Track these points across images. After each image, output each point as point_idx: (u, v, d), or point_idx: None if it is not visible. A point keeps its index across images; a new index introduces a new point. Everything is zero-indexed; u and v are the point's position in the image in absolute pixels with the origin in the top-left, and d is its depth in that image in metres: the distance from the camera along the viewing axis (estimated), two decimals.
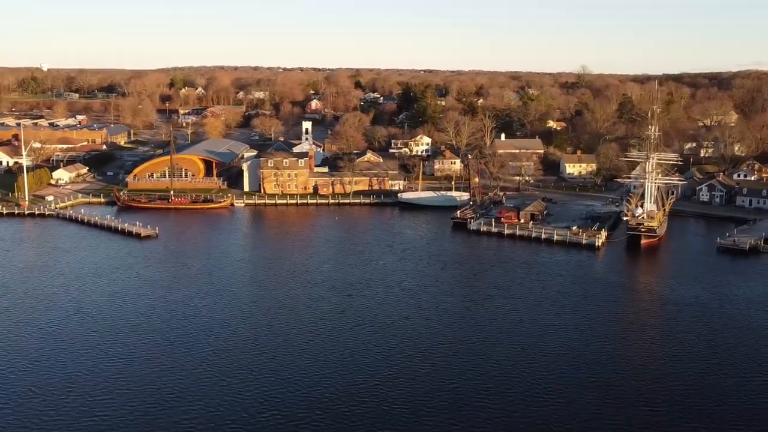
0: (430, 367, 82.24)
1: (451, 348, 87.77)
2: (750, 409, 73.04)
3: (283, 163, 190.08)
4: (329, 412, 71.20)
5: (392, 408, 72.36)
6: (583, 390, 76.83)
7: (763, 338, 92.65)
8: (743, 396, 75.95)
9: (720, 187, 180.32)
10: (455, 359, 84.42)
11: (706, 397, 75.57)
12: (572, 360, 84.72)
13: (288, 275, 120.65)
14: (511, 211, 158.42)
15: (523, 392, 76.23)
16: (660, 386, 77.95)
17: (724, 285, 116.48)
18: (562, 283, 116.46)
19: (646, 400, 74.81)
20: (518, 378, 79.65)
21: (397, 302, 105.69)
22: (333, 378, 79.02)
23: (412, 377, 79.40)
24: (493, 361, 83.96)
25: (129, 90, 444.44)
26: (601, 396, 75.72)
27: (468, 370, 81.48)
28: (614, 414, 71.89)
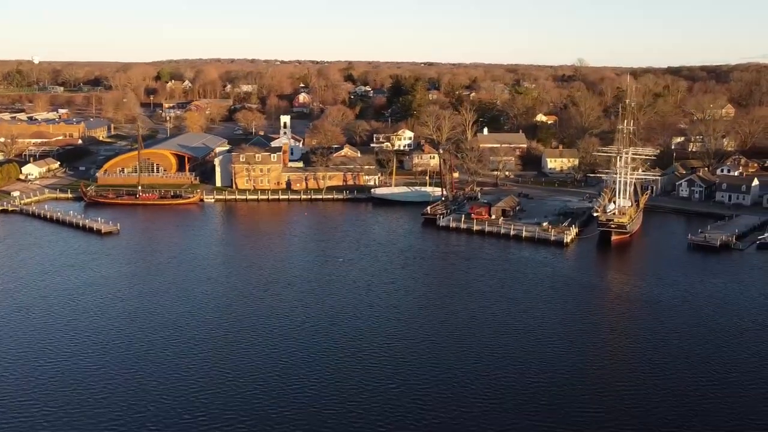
0: (365, 367, 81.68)
1: (391, 348, 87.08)
2: (696, 409, 72.81)
3: (255, 157, 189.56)
4: (259, 412, 71.06)
5: (319, 410, 72.13)
6: (528, 393, 76.45)
7: (718, 336, 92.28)
8: (687, 397, 75.65)
9: (699, 183, 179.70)
10: (394, 360, 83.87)
11: (647, 398, 75.26)
12: (518, 361, 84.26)
13: (245, 272, 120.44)
14: (482, 206, 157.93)
15: (462, 395, 75.93)
16: (605, 385, 77.69)
17: (689, 282, 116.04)
18: (523, 281, 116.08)
19: (592, 400, 74.54)
20: (457, 380, 79.30)
21: (347, 301, 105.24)
22: (264, 377, 78.82)
23: (345, 378, 78.94)
24: (434, 362, 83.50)
25: (113, 83, 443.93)
26: (550, 398, 75.37)
27: (406, 370, 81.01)
28: (558, 415, 71.71)
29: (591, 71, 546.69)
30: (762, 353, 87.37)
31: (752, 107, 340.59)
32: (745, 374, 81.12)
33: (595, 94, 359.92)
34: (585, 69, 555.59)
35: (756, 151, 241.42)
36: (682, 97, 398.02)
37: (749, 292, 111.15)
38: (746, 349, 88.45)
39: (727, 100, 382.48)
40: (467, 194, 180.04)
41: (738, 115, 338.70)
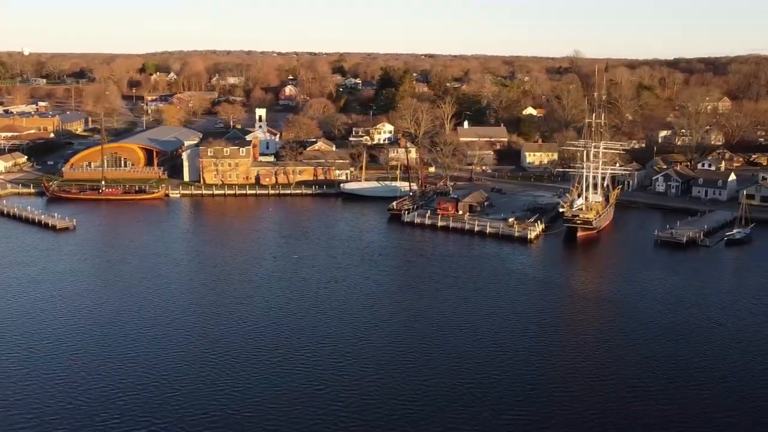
0: (291, 368, 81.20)
1: (322, 349, 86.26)
2: (632, 411, 72.65)
3: (223, 152, 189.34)
4: (174, 414, 71.00)
5: (234, 412, 72.03)
6: (461, 394, 76.18)
7: (667, 335, 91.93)
8: (622, 399, 75.49)
9: (676, 178, 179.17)
10: (328, 360, 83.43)
11: (581, 400, 75.07)
12: (454, 361, 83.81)
13: (195, 269, 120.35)
14: (449, 202, 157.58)
15: (392, 396, 75.66)
16: (538, 381, 77.54)
17: (648, 280, 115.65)
18: (477, 278, 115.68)
19: (530, 403, 74.41)
20: (388, 382, 78.96)
21: (291, 299, 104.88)
22: (185, 376, 78.74)
23: (269, 380, 78.67)
24: (367, 363, 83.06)
25: (96, 75, 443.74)
26: (485, 400, 75.10)
27: (338, 372, 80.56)
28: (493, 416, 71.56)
29: (588, 63, 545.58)
30: (708, 352, 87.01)
31: (748, 100, 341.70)
32: (693, 374, 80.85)
33: (588, 86, 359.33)
34: (581, 61, 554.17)
35: (745, 146, 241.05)
36: (678, 89, 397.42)
37: (706, 290, 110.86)
38: (693, 348, 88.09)
39: (723, 93, 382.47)
40: (439, 189, 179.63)
41: (734, 108, 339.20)
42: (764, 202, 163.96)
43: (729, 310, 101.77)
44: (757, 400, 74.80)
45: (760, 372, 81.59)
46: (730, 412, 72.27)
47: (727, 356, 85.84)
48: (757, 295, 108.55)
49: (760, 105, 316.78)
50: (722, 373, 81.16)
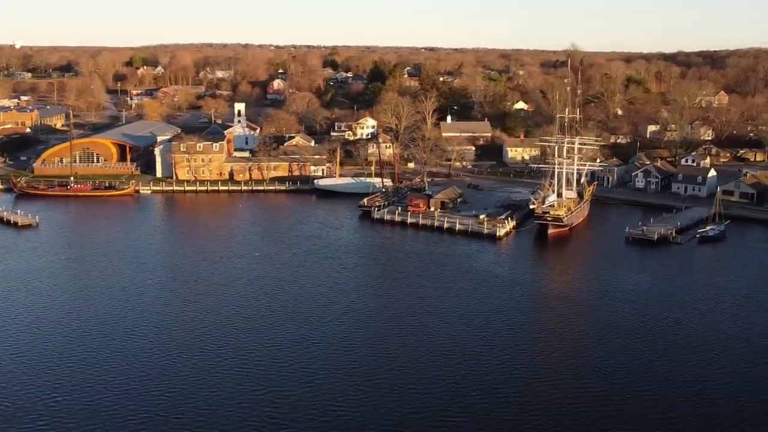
0: (235, 369, 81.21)
1: (266, 351, 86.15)
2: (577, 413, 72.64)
3: (196, 147, 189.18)
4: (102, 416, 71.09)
5: (168, 413, 72.09)
6: (410, 397, 76.16)
7: (624, 335, 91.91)
8: (562, 400, 75.47)
9: (655, 173, 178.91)
10: (268, 362, 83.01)
11: (515, 403, 75.12)
12: (399, 363, 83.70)
13: (153, 267, 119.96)
14: (420, 198, 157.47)
15: (332, 401, 75.73)
16: (482, 381, 77.54)
17: (614, 277, 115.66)
18: (438, 276, 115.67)
19: (469, 405, 74.43)
20: (331, 384, 79.03)
21: (244, 298, 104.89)
22: (118, 378, 78.81)
23: (216, 382, 78.81)
24: (311, 365, 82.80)
25: (81, 69, 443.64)
26: (433, 402, 75.23)
27: (278, 373, 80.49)
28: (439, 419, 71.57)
29: (584, 57, 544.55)
30: (661, 351, 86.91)
31: (738, 95, 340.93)
32: (643, 371, 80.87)
33: (582, 80, 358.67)
34: (578, 54, 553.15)
35: (734, 141, 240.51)
36: (674, 83, 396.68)
37: (671, 288, 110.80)
38: (647, 346, 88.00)
39: (721, 87, 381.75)
40: (414, 185, 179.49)
41: (730, 102, 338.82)
42: (743, 199, 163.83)
43: (690, 308, 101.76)
44: (711, 397, 74.83)
45: (710, 368, 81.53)
46: (686, 412, 72.26)
47: (683, 354, 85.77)
48: (720, 293, 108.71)
49: (757, 99, 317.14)
50: (675, 369, 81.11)
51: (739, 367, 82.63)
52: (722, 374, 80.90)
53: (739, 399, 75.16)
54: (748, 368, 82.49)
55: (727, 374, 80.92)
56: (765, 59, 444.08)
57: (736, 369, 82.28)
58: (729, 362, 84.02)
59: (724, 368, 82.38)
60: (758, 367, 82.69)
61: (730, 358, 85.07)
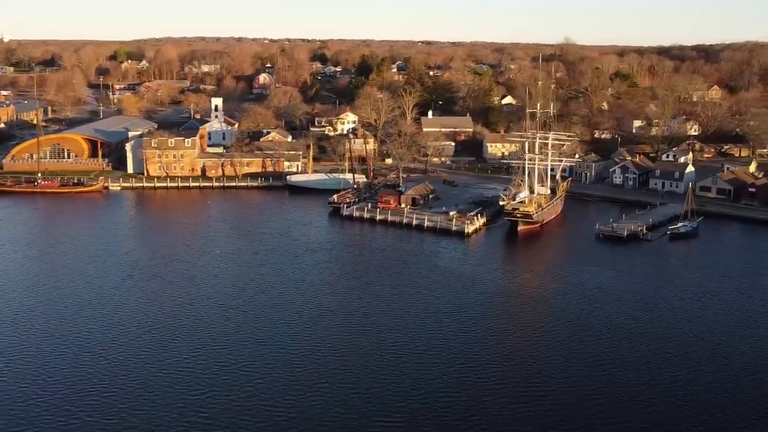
0: (174, 371, 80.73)
1: (212, 352, 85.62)
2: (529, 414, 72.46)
3: (167, 142, 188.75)
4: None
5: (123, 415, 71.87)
6: (359, 400, 75.88)
7: (580, 333, 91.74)
8: (502, 402, 75.31)
9: (633, 169, 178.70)
10: (210, 364, 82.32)
11: (471, 404, 74.93)
12: (353, 365, 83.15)
13: (109, 265, 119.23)
14: (391, 195, 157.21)
15: (289, 402, 75.51)
16: (445, 381, 77.34)
17: (578, 275, 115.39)
18: (399, 274, 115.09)
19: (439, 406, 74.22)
20: (280, 387, 78.65)
21: (196, 297, 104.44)
22: (59, 380, 78.57)
23: (155, 383, 78.53)
24: (251, 365, 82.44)
25: (62, 63, 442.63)
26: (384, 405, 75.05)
27: (217, 377, 79.86)
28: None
29: (579, 50, 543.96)
30: (614, 350, 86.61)
31: (740, 89, 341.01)
32: (594, 370, 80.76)
33: (574, 74, 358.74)
34: (571, 48, 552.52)
35: (721, 136, 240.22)
36: (666, 77, 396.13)
37: (637, 285, 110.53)
38: (601, 345, 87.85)
39: (714, 82, 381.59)
40: (388, 181, 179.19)
41: (721, 97, 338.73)
42: (720, 195, 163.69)
43: (651, 305, 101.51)
44: (659, 396, 74.67)
45: (662, 367, 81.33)
46: (630, 413, 72.13)
47: (635, 353, 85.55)
48: (684, 290, 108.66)
49: (746, 94, 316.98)
50: (625, 369, 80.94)
51: (692, 366, 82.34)
52: (673, 373, 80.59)
53: (690, 398, 74.95)
54: (702, 367, 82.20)
55: (678, 373, 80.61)
56: (760, 53, 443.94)
57: (690, 367, 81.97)
58: (682, 360, 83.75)
59: (677, 367, 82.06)
60: (712, 365, 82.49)
61: (683, 357, 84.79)
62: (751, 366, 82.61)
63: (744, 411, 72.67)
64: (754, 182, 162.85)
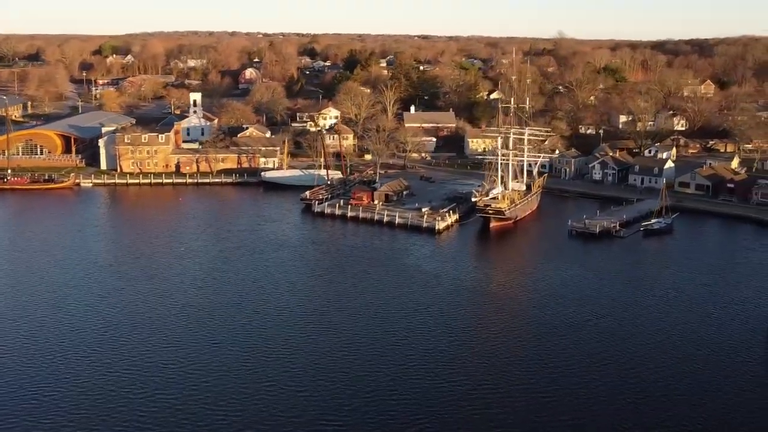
0: (124, 371, 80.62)
1: (161, 352, 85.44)
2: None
3: (140, 138, 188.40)
4: None
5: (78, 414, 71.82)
6: (310, 402, 75.90)
7: (533, 334, 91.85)
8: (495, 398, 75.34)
9: (612, 165, 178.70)
10: (161, 365, 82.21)
11: (425, 405, 74.95)
12: (311, 365, 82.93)
13: (70, 263, 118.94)
14: (364, 191, 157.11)
15: (242, 403, 75.48)
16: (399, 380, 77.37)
17: (544, 272, 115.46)
18: (364, 272, 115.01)
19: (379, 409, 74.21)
20: (234, 388, 78.57)
21: (156, 296, 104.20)
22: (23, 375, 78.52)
23: (103, 382, 78.49)
24: (204, 366, 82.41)
25: (45, 57, 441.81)
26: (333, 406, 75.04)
27: (164, 378, 79.74)
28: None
29: (573, 45, 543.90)
30: (574, 347, 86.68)
31: (733, 84, 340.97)
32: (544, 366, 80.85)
33: (565, 68, 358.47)
34: (565, 42, 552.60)
35: (709, 131, 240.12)
36: (659, 72, 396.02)
37: (600, 282, 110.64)
38: (560, 342, 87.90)
39: (708, 76, 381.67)
40: (364, 177, 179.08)
41: (713, 92, 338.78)
42: (699, 191, 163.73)
43: (616, 302, 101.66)
44: (616, 397, 74.79)
45: (620, 365, 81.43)
46: (586, 410, 72.25)
47: (597, 351, 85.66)
48: (652, 286, 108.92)
49: (736, 89, 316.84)
50: (583, 368, 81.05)
51: (646, 364, 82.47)
52: (624, 371, 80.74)
53: (643, 397, 75.11)
54: (656, 365, 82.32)
55: (630, 371, 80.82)
56: (754, 47, 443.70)
57: (643, 365, 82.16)
58: (637, 358, 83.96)
59: (630, 365, 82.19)
60: (666, 363, 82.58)
61: (637, 354, 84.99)
62: (706, 365, 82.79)
63: (695, 411, 72.81)
64: (733, 178, 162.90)
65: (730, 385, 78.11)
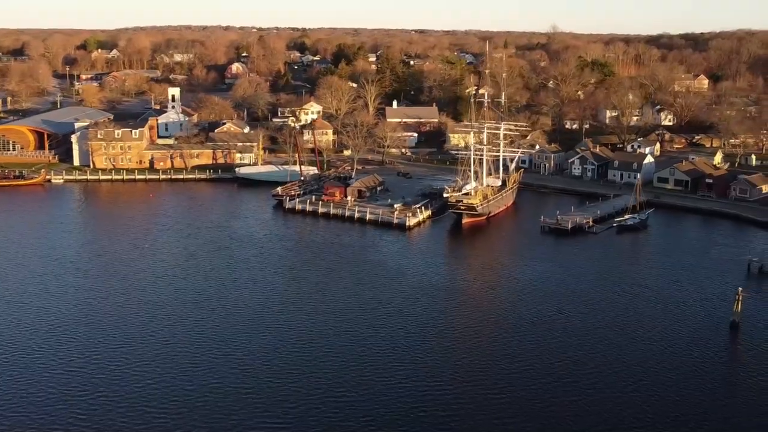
0: (65, 370, 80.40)
1: (111, 351, 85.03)
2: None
3: (114, 134, 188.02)
4: None
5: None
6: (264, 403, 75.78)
7: (492, 331, 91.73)
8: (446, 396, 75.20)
9: (592, 160, 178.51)
10: (106, 365, 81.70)
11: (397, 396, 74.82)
12: (262, 363, 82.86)
13: (23, 260, 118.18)
14: (336, 187, 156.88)
15: (194, 404, 75.34)
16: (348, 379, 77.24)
17: (511, 268, 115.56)
18: (327, 270, 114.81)
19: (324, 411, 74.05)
20: (188, 387, 78.48)
21: (113, 293, 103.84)
22: None
23: (46, 381, 78.35)
24: (151, 364, 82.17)
25: (28, 52, 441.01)
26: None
27: (110, 377, 79.61)
28: None
29: (568, 39, 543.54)
30: (533, 344, 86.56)
31: (727, 79, 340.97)
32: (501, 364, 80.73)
33: (557, 63, 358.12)
34: (559, 36, 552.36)
35: (696, 126, 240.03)
36: (653, 66, 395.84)
37: (567, 278, 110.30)
38: (520, 339, 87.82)
39: (702, 71, 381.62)
40: (340, 173, 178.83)
41: (704, 86, 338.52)
42: (678, 186, 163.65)
43: (581, 298, 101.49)
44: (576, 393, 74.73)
45: (579, 361, 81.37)
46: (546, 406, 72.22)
47: (556, 347, 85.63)
48: (619, 282, 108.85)
49: (726, 84, 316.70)
50: (542, 364, 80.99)
51: (601, 362, 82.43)
52: (580, 369, 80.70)
53: (601, 393, 75.18)
54: (612, 363, 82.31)
55: (595, 366, 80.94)
56: (749, 41, 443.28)
57: (606, 361, 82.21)
58: (598, 354, 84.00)
59: (586, 363, 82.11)
60: (622, 360, 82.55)
61: (601, 351, 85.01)
62: (666, 361, 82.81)
63: (642, 409, 72.74)
64: (712, 173, 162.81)
65: (689, 379, 78.25)
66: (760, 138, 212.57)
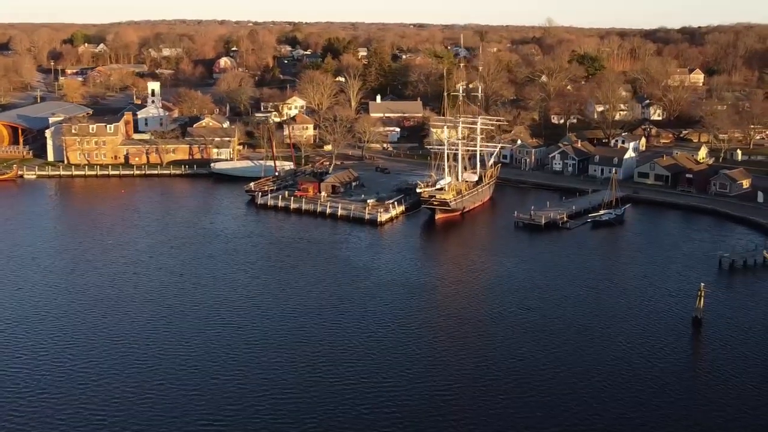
0: (17, 368, 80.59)
1: (57, 351, 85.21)
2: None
3: (88, 129, 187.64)
4: None
5: None
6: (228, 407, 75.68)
7: (456, 329, 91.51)
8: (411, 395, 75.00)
9: (572, 155, 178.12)
10: (51, 364, 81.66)
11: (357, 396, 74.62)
12: (193, 364, 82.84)
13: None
14: (309, 183, 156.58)
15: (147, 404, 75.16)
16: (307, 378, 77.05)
17: (481, 264, 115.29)
18: (291, 266, 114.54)
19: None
20: (146, 387, 78.37)
21: (71, 291, 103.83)
22: None
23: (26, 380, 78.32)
24: (104, 363, 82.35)
25: (15, 47, 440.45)
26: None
27: (53, 377, 79.53)
28: None
29: (563, 33, 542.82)
30: (499, 340, 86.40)
31: (723, 73, 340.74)
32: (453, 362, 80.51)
33: (549, 57, 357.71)
34: (555, 31, 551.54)
35: (687, 121, 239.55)
36: (648, 60, 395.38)
37: (536, 274, 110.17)
38: (484, 336, 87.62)
39: (699, 65, 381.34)
40: (318, 168, 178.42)
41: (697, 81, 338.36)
42: (658, 181, 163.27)
43: (548, 295, 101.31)
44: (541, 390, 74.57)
45: (543, 357, 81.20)
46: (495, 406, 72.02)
47: (521, 343, 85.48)
48: (587, 278, 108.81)
49: (719, 78, 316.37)
50: (505, 360, 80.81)
51: (562, 357, 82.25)
52: (556, 362, 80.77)
53: (548, 394, 74.90)
54: (581, 355, 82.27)
55: (559, 361, 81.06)
56: (746, 35, 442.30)
57: (559, 358, 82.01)
58: (562, 349, 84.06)
59: (548, 360, 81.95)
60: (583, 356, 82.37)
61: (565, 346, 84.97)
62: (629, 355, 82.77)
63: (592, 407, 72.54)
64: (692, 168, 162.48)
65: (646, 377, 78.06)
66: (748, 132, 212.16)
